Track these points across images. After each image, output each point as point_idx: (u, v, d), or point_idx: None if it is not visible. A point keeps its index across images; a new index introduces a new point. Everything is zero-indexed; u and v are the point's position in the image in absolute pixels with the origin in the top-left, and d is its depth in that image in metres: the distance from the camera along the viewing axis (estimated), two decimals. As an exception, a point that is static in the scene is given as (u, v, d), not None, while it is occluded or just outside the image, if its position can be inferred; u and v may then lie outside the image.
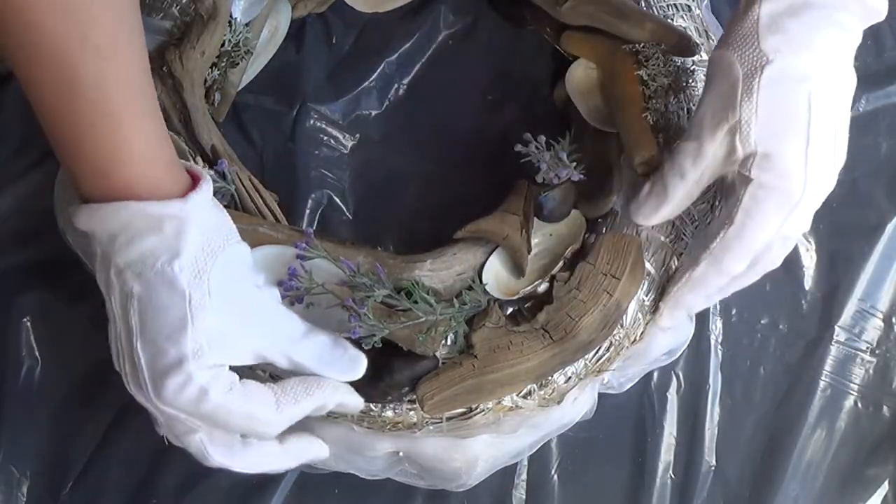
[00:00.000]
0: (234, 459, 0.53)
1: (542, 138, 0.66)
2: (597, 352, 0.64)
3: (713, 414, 0.77)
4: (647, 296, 0.65)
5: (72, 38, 0.45)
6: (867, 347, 0.79)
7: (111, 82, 0.47)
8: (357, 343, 0.59)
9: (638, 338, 0.66)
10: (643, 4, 0.70)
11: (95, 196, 0.49)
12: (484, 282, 0.64)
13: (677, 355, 0.71)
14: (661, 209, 0.59)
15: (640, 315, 0.65)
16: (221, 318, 0.49)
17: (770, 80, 0.52)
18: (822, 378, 0.78)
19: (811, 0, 0.52)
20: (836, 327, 0.79)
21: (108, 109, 0.47)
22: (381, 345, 0.60)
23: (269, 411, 0.52)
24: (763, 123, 0.52)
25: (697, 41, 0.69)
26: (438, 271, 0.65)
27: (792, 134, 0.52)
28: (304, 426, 0.66)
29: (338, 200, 0.78)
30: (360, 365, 0.56)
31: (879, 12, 0.54)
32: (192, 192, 0.50)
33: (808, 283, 0.80)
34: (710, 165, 0.56)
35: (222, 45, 0.71)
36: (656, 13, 0.70)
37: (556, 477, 0.75)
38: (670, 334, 0.67)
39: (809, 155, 0.52)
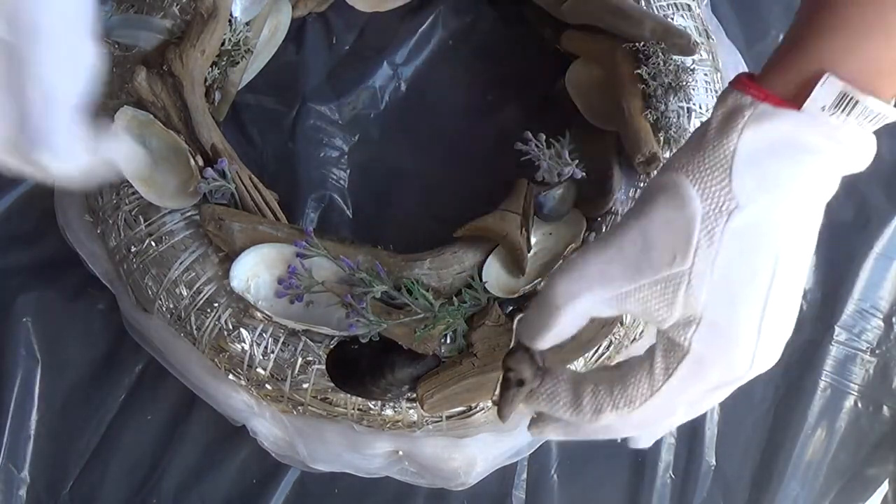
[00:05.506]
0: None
1: (543, 136, 0.66)
2: (596, 350, 0.64)
3: (713, 414, 0.77)
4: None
5: None
6: (867, 347, 0.79)
7: None
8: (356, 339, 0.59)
9: (638, 336, 0.66)
10: (643, 3, 0.70)
11: None
12: (484, 280, 0.64)
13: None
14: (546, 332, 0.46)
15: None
16: None
17: (737, 231, 0.41)
18: (822, 378, 0.78)
19: (796, 139, 0.41)
20: (836, 327, 0.79)
21: None
22: (378, 338, 0.60)
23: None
24: (718, 284, 0.41)
25: (698, 40, 0.69)
26: (438, 270, 0.65)
27: (749, 303, 0.42)
28: (306, 425, 0.67)
29: (338, 200, 0.78)
30: (76, 152, 0.42)
31: (863, 162, 0.44)
32: None
33: (808, 283, 0.80)
34: (616, 307, 0.44)
35: (222, 43, 0.71)
36: (656, 12, 0.70)
37: (556, 477, 0.75)
38: None
39: (763, 330, 0.42)
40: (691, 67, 0.68)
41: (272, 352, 0.64)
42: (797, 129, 0.41)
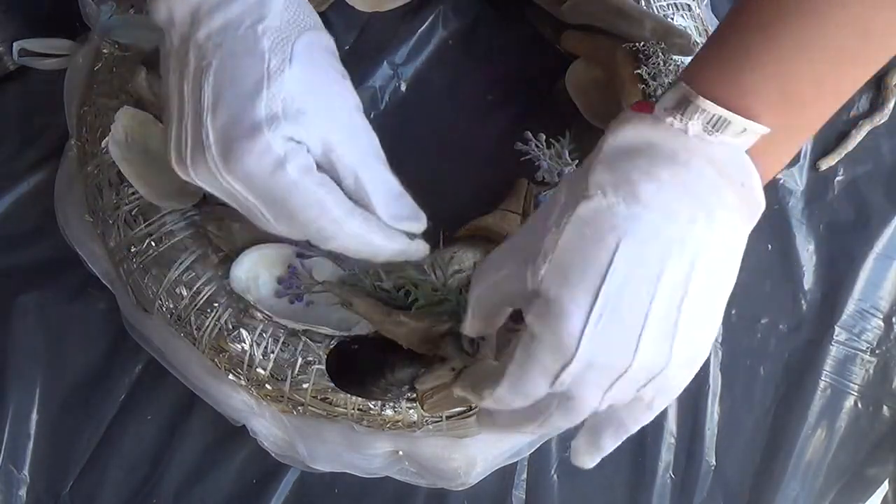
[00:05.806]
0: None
1: (543, 136, 0.66)
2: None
3: (713, 414, 0.77)
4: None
5: None
6: (867, 347, 0.79)
7: None
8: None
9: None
10: (643, 3, 0.70)
11: None
12: (484, 280, 0.64)
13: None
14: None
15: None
16: (300, 88, 0.47)
17: (581, 217, 0.43)
18: (822, 378, 0.78)
19: (651, 141, 0.43)
20: (836, 327, 0.79)
21: None
22: (378, 338, 0.60)
23: (341, 209, 0.49)
24: (555, 263, 0.43)
25: (698, 40, 0.69)
26: (438, 270, 0.65)
27: (578, 284, 0.42)
28: (305, 425, 0.67)
29: (338, 200, 0.77)
30: (421, 219, 0.54)
31: (755, 201, 0.44)
32: None
33: (808, 283, 0.80)
34: (498, 290, 0.47)
35: (222, 44, 0.71)
36: (656, 12, 0.70)
37: (556, 477, 0.75)
38: None
39: (595, 315, 0.41)
40: (691, 67, 0.68)
41: (272, 352, 0.64)
42: (652, 131, 0.44)
